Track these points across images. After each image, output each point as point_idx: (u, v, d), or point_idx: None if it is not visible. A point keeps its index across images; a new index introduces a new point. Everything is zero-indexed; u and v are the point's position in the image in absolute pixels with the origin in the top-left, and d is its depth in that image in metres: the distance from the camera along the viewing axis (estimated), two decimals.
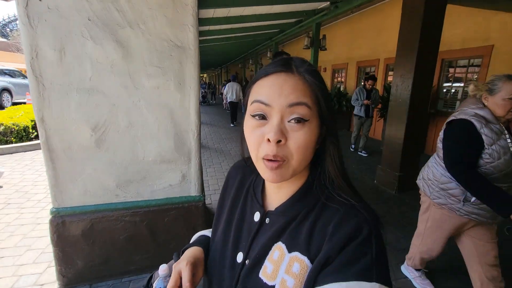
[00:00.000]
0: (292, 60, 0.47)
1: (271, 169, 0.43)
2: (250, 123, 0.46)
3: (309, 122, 0.43)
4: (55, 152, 1.59)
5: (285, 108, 0.42)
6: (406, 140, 3.34)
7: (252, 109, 0.45)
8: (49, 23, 1.43)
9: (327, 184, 0.48)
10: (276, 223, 0.49)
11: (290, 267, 0.45)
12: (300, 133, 0.43)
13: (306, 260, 0.44)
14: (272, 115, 0.43)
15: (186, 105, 1.74)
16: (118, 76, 1.59)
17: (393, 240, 2.42)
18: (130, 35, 1.55)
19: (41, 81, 1.48)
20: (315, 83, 0.44)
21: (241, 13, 4.96)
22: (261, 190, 0.55)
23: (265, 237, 0.50)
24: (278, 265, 0.46)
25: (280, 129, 0.42)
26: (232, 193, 0.61)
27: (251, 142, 0.46)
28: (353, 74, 7.50)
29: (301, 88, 0.43)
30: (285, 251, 0.47)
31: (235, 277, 0.51)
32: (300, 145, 0.43)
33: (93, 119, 1.60)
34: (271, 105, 0.43)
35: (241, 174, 0.63)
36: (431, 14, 3.00)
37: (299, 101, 0.42)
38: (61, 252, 1.71)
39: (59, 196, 1.67)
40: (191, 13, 1.62)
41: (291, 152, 0.43)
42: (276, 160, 0.43)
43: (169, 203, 1.86)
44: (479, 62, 4.36)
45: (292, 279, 0.44)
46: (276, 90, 0.43)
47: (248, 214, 0.55)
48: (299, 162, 0.44)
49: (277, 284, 0.45)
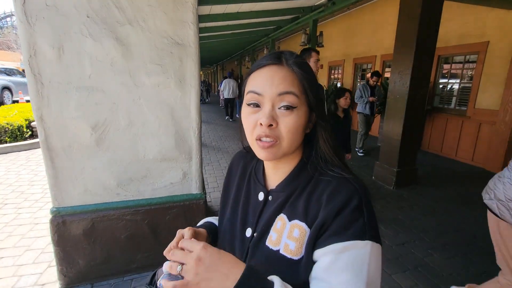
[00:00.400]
0: (283, 53, 0.53)
1: (263, 148, 0.50)
2: (245, 110, 0.53)
3: (297, 109, 0.50)
4: (55, 151, 1.58)
5: (275, 97, 0.49)
6: (403, 136, 3.37)
7: (248, 98, 0.52)
8: (47, 21, 1.41)
9: (320, 162, 0.55)
10: (278, 199, 0.56)
11: (291, 233, 0.51)
12: (289, 118, 0.49)
13: (304, 226, 0.51)
14: (264, 103, 0.50)
15: (186, 103, 1.74)
16: (118, 74, 1.57)
17: (392, 235, 2.45)
18: (130, 33, 1.54)
19: (39, 79, 1.46)
20: (302, 74, 0.50)
21: (238, 10, 4.93)
22: (262, 173, 0.62)
23: (269, 212, 0.56)
24: (281, 233, 0.53)
25: (271, 115, 0.49)
26: (236, 179, 0.69)
27: (247, 127, 0.53)
28: (349, 71, 7.52)
29: (289, 78, 0.50)
30: (286, 220, 0.53)
31: (245, 249, 0.57)
32: (290, 129, 0.49)
33: (93, 117, 1.59)
34: (263, 95, 0.50)
35: (243, 162, 0.70)
36: (428, 10, 3.02)
37: (287, 90, 0.49)
38: (62, 251, 1.70)
39: (59, 196, 1.65)
40: (191, 10, 1.61)
41: (282, 135, 0.50)
42: (268, 140, 0.49)
43: (171, 201, 1.86)
44: (475, 58, 4.41)
45: (293, 242, 0.50)
46: (268, 81, 0.49)
47: (252, 195, 0.62)
48: (289, 143, 0.51)
49: (281, 248, 0.52)
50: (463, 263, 2.09)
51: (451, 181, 3.77)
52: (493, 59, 4.08)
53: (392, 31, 3.45)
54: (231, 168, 0.73)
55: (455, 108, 4.86)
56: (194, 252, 0.42)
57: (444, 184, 3.66)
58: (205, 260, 0.41)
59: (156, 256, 1.89)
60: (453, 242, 2.37)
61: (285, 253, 0.51)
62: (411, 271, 1.98)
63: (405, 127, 3.35)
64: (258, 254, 0.55)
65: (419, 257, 2.14)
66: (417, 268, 2.02)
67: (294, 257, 0.50)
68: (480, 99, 4.35)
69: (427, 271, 1.99)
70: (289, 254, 0.50)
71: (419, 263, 2.07)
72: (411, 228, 2.56)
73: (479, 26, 4.21)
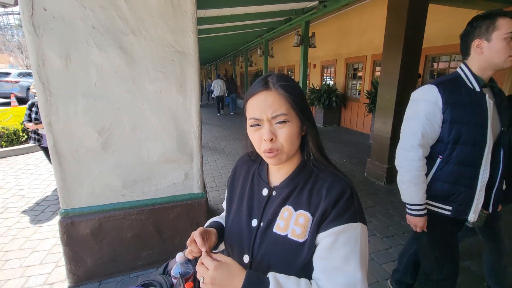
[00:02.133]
0: (270, 77, 0.64)
1: (270, 157, 0.63)
2: (251, 130, 0.66)
3: (290, 121, 0.62)
4: (63, 156, 1.66)
5: (270, 118, 0.61)
6: (393, 134, 3.52)
7: (250, 122, 0.65)
8: (54, 32, 1.49)
9: (315, 161, 0.68)
10: (282, 194, 0.68)
11: (297, 220, 0.64)
12: (284, 130, 0.62)
13: (308, 214, 0.63)
14: (263, 123, 0.63)
15: (187, 107, 1.83)
16: (122, 81, 1.66)
17: (382, 228, 2.59)
18: (133, 42, 1.62)
19: (48, 87, 1.54)
20: (288, 95, 0.61)
21: (231, 13, 5.02)
22: (266, 172, 0.75)
23: (274, 204, 0.68)
24: (288, 221, 0.65)
25: (271, 131, 0.62)
26: (240, 180, 0.80)
27: (254, 142, 0.66)
28: (342, 70, 7.68)
29: (277, 101, 0.61)
30: (293, 210, 0.65)
31: (253, 236, 0.69)
32: (286, 138, 0.62)
33: (99, 123, 1.67)
34: (261, 119, 0.62)
35: (246, 165, 0.82)
36: (414, 12, 3.17)
37: (277, 113, 0.61)
38: (71, 251, 1.78)
39: (68, 198, 1.73)
40: (191, 20, 1.70)
41: (282, 144, 0.62)
42: (273, 151, 0.62)
43: (173, 200, 1.95)
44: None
45: (299, 228, 0.63)
46: (262, 107, 0.61)
47: (256, 192, 0.74)
48: (289, 148, 0.63)
49: (288, 233, 0.64)
50: None
51: None
52: None
53: (382, 32, 3.59)
54: (235, 170, 0.85)
55: None
56: (209, 270, 0.57)
57: None
58: (216, 279, 0.56)
59: (161, 253, 1.98)
60: None
61: (292, 237, 0.63)
62: None
63: (394, 125, 3.49)
64: (266, 240, 0.66)
65: None
66: None
67: (300, 240, 0.62)
68: None
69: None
70: (296, 238, 0.62)
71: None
72: (401, 221, 2.71)
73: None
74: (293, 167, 0.69)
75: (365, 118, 6.88)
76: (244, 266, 0.67)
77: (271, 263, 0.64)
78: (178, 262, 0.88)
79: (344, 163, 4.62)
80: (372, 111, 5.60)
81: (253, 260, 0.68)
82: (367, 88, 6.51)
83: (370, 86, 6.29)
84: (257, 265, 0.67)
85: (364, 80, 6.83)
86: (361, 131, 7.15)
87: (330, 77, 8.51)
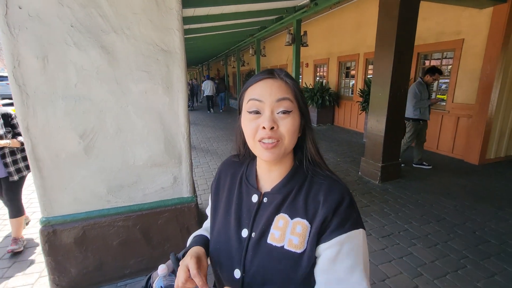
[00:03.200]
0: (274, 70, 0.61)
1: (267, 148, 0.56)
2: (247, 117, 0.59)
3: (292, 112, 0.57)
4: (42, 161, 1.57)
5: (274, 103, 0.56)
6: (387, 132, 3.50)
7: (249, 106, 0.58)
8: (30, 31, 1.40)
9: (310, 164, 0.63)
10: (274, 200, 0.62)
11: (294, 229, 0.58)
12: (287, 120, 0.56)
13: (306, 222, 0.58)
14: (264, 109, 0.57)
15: (174, 109, 1.76)
16: (104, 82, 1.58)
17: (378, 227, 2.56)
18: (115, 41, 1.55)
19: (24, 89, 1.45)
20: (293, 84, 0.59)
21: (221, 11, 4.95)
22: (255, 177, 0.67)
23: (266, 213, 0.61)
24: (284, 230, 0.59)
25: (272, 119, 0.56)
26: (226, 185, 0.72)
27: (249, 131, 0.58)
28: (334, 69, 7.67)
29: (284, 87, 0.57)
30: (288, 219, 0.59)
31: (244, 248, 0.61)
32: (289, 129, 0.56)
33: (81, 126, 1.59)
34: (263, 101, 0.56)
35: (232, 169, 0.74)
36: (406, 10, 3.15)
37: (284, 96, 0.56)
38: (53, 261, 1.70)
39: (49, 205, 1.65)
40: (176, 17, 1.63)
41: (283, 135, 0.56)
42: (271, 141, 0.56)
43: (162, 205, 1.88)
44: (452, 55, 4.61)
45: (297, 237, 0.57)
46: (267, 90, 0.57)
47: (245, 198, 0.67)
48: (289, 142, 0.58)
49: (285, 244, 0.58)
50: (444, 250, 2.21)
51: (432, 173, 3.95)
52: (468, 56, 4.29)
53: (374, 30, 3.57)
54: (220, 175, 0.76)
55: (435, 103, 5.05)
56: None
57: (426, 177, 3.83)
58: None
59: (150, 261, 1.91)
60: (435, 231, 2.50)
61: (290, 248, 0.57)
62: (396, 260, 2.09)
63: (387, 123, 3.48)
64: (260, 252, 0.59)
65: (403, 247, 2.26)
66: (402, 257, 2.13)
67: (298, 251, 0.56)
68: (457, 94, 4.56)
69: (411, 260, 2.10)
70: (293, 248, 0.57)
71: (403, 253, 2.18)
72: (396, 220, 2.68)
73: (455, 24, 4.40)
74: (285, 170, 0.63)
75: (359, 117, 6.88)
76: (235, 282, 0.61)
77: (266, 278, 0.58)
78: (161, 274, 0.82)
79: (338, 162, 4.60)
80: (366, 110, 5.60)
81: (245, 275, 0.60)
82: (360, 86, 6.51)
83: (363, 84, 6.29)
84: (249, 280, 0.60)
85: (357, 79, 6.83)
86: (354, 129, 7.15)
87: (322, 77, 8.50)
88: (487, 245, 2.27)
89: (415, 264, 2.05)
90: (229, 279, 0.63)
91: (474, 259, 2.09)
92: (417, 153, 4.25)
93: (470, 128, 4.34)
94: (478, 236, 2.41)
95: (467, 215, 2.76)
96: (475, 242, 2.31)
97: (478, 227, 2.54)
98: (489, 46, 3.94)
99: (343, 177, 3.89)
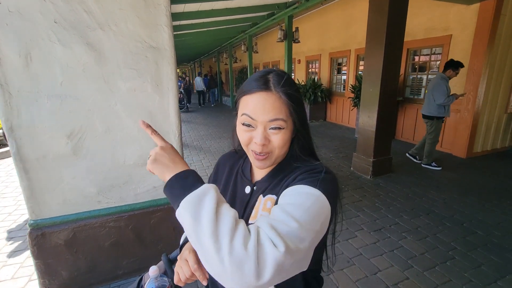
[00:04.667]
0: (271, 76, 0.58)
1: (258, 160, 0.60)
2: (241, 128, 0.61)
3: (285, 129, 0.58)
4: (28, 162, 1.52)
5: (267, 122, 0.57)
6: (378, 127, 3.54)
7: (242, 119, 0.59)
8: (11, 27, 1.35)
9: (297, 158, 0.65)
10: (262, 187, 0.66)
11: (265, 206, 0.62)
12: (278, 136, 0.58)
13: (274, 196, 0.61)
14: (257, 126, 0.58)
15: (165, 106, 1.73)
16: (91, 80, 1.54)
17: (369, 222, 2.59)
18: (101, 37, 1.50)
19: (7, 89, 1.40)
20: (288, 103, 0.57)
21: (212, 7, 4.88)
22: (250, 170, 0.71)
23: (253, 199, 0.66)
24: (257, 207, 0.63)
25: (264, 136, 0.58)
26: (224, 176, 0.77)
27: (243, 141, 0.62)
28: (326, 65, 7.69)
29: (278, 105, 0.56)
30: (261, 197, 0.64)
31: None
32: (280, 144, 0.59)
33: (68, 125, 1.55)
34: (256, 119, 0.57)
35: (231, 162, 0.78)
36: (396, 5, 3.17)
37: (276, 117, 0.56)
38: (43, 264, 1.66)
39: (37, 208, 1.60)
40: (165, 13, 1.60)
41: (274, 149, 0.59)
42: (262, 154, 0.59)
43: (154, 205, 1.86)
44: (440, 51, 4.68)
45: (266, 212, 0.60)
46: (260, 108, 0.56)
47: (239, 190, 0.71)
48: (279, 154, 0.61)
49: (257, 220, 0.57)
50: (433, 242, 2.27)
51: (422, 168, 4.02)
52: (456, 51, 4.36)
53: (365, 26, 3.58)
54: (218, 166, 0.81)
55: (424, 98, 5.13)
56: (157, 148, 0.57)
57: (416, 171, 3.90)
58: (160, 157, 0.55)
59: (143, 261, 1.89)
60: (424, 224, 2.55)
61: None
62: (387, 254, 2.13)
63: (378, 119, 3.51)
64: None
65: (394, 240, 2.30)
66: (392, 250, 2.17)
67: None
68: None
69: (401, 252, 2.14)
70: None
71: (394, 246, 2.23)
72: (387, 214, 2.73)
73: (443, 20, 4.46)
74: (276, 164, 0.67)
75: (351, 113, 6.94)
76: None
77: None
78: (152, 276, 0.81)
79: (330, 158, 4.64)
80: (357, 105, 5.64)
81: None
82: (352, 82, 6.56)
83: (355, 80, 6.33)
84: None
85: (349, 75, 6.87)
86: (347, 125, 7.22)
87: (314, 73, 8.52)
88: (474, 236, 2.34)
89: (406, 256, 2.09)
90: None
91: (462, 250, 2.15)
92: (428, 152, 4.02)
93: (458, 123, 4.43)
94: (465, 228, 2.47)
95: (455, 207, 2.83)
96: (463, 234, 2.37)
97: (466, 219, 2.60)
98: (476, 41, 4.02)
99: (336, 172, 3.88)
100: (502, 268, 1.95)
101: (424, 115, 3.93)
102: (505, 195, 3.07)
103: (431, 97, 3.76)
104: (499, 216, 2.65)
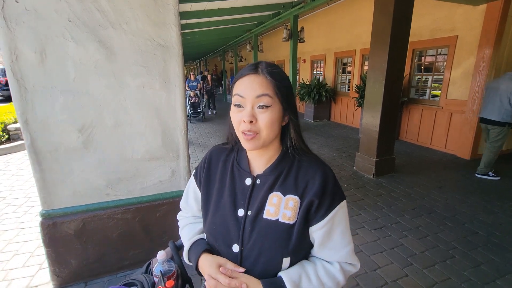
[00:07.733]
0: (260, 64, 0.66)
1: (247, 140, 0.65)
2: (233, 109, 0.67)
3: (272, 107, 0.63)
4: (42, 155, 1.59)
5: (254, 99, 0.62)
6: (381, 127, 3.56)
7: (234, 100, 0.66)
8: (27, 25, 1.41)
9: (295, 149, 0.71)
10: (267, 181, 0.70)
11: (287, 204, 0.67)
12: (265, 115, 0.63)
13: (297, 197, 0.67)
14: (246, 104, 0.64)
15: (172, 103, 1.79)
16: (102, 77, 1.60)
17: (371, 220, 2.62)
18: (112, 35, 1.56)
19: (22, 84, 1.47)
20: (273, 81, 0.64)
21: (218, 7, 4.93)
22: (247, 162, 0.75)
23: (261, 192, 0.70)
24: (278, 206, 0.68)
25: (252, 114, 0.63)
26: (218, 171, 0.79)
27: (234, 122, 0.67)
28: (331, 65, 7.70)
29: (264, 84, 0.63)
30: (281, 196, 0.68)
31: (241, 226, 0.69)
32: (266, 123, 0.63)
33: (79, 120, 1.61)
34: (245, 97, 0.63)
35: (223, 157, 0.80)
36: (401, 6, 3.18)
37: (263, 93, 0.62)
38: (54, 253, 1.73)
39: (48, 198, 1.67)
40: (173, 12, 1.65)
41: (261, 128, 0.63)
42: (250, 133, 0.63)
43: (160, 198, 1.92)
44: (446, 52, 4.67)
45: (289, 211, 0.67)
46: (248, 87, 0.63)
47: (238, 182, 0.74)
48: (267, 134, 0.64)
49: (279, 217, 0.67)
50: (434, 241, 2.29)
51: (425, 168, 4.03)
52: (462, 52, 4.35)
53: (370, 26, 3.59)
54: (210, 161, 0.81)
55: (429, 99, 5.13)
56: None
57: (419, 171, 3.91)
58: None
59: (148, 252, 1.95)
60: (426, 223, 2.57)
61: (284, 220, 0.67)
62: (387, 251, 2.16)
63: (382, 119, 3.53)
64: (257, 227, 0.68)
65: (395, 239, 2.33)
66: (393, 248, 2.20)
67: (290, 222, 0.66)
68: (451, 90, 4.62)
69: (401, 250, 2.17)
70: (287, 220, 0.66)
71: (395, 244, 2.26)
72: (389, 213, 2.76)
73: (449, 21, 4.45)
74: (274, 155, 0.72)
75: (355, 113, 6.94)
76: (234, 255, 0.70)
77: (262, 249, 0.66)
78: (160, 260, 0.86)
79: (334, 157, 4.66)
80: (361, 105, 5.65)
81: (244, 248, 0.69)
82: (356, 82, 6.55)
83: (359, 80, 6.33)
84: (247, 253, 0.68)
85: (354, 75, 6.87)
86: (351, 125, 7.22)
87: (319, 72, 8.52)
88: (475, 236, 2.35)
89: (406, 254, 2.12)
90: (228, 253, 0.71)
91: (462, 250, 2.17)
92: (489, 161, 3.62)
93: (463, 124, 4.42)
94: (467, 228, 2.49)
95: (457, 208, 2.84)
96: (464, 234, 2.39)
97: (467, 220, 2.62)
98: (482, 42, 4.00)
99: (338, 171, 3.95)
100: (502, 267, 1.97)
101: (492, 120, 3.37)
102: (508, 197, 3.07)
103: (505, 101, 3.18)
104: (500, 217, 2.65)
